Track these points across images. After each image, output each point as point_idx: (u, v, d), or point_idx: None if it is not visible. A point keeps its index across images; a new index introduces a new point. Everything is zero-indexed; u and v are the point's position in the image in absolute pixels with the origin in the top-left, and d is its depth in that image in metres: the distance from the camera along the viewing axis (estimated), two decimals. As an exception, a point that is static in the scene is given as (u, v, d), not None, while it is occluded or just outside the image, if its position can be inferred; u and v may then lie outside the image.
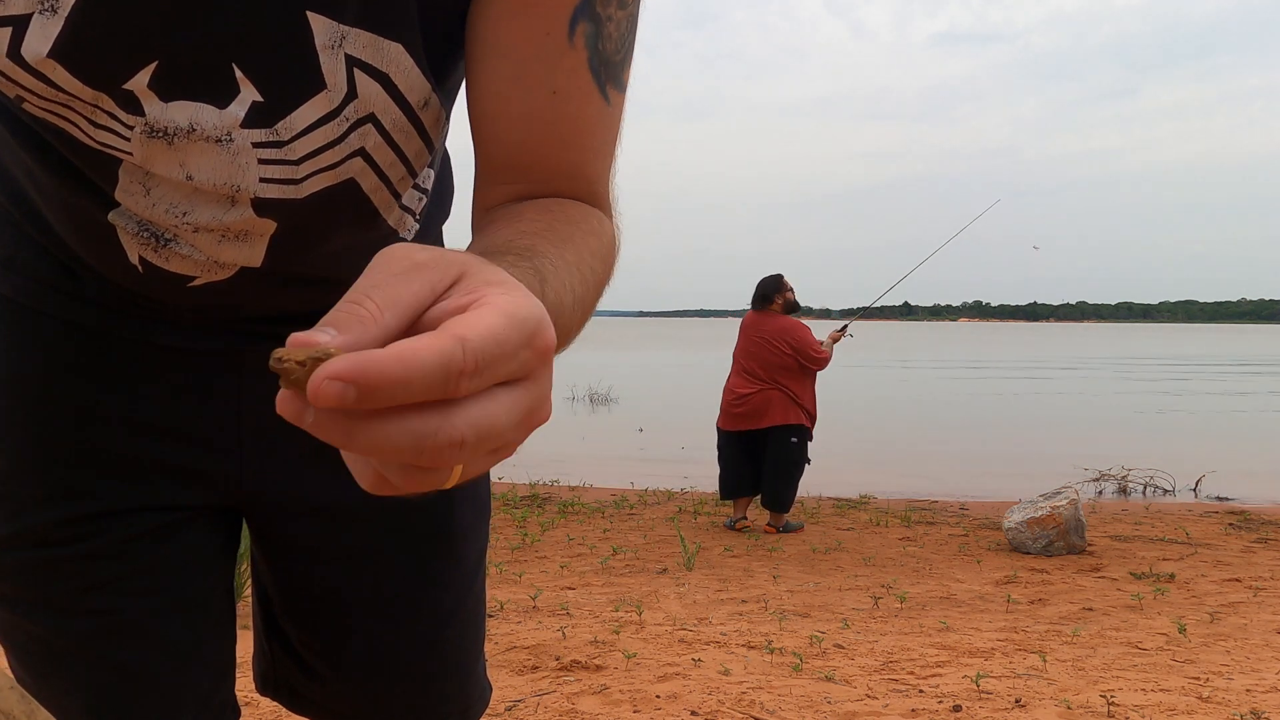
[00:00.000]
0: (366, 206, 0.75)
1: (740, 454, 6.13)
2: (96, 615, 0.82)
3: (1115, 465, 8.62)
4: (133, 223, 0.73)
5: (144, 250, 0.74)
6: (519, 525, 6.13)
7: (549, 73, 0.65)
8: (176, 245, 0.74)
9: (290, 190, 0.70)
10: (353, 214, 0.75)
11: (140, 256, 0.74)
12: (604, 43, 0.67)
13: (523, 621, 3.85)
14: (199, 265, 0.75)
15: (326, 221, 0.75)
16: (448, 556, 0.94)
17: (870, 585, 4.59)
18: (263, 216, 0.72)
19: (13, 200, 0.79)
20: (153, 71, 0.63)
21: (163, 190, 0.70)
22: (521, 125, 0.67)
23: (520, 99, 0.66)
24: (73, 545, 0.81)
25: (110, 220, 0.73)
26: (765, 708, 2.90)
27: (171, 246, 0.74)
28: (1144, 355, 41.27)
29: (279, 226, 0.73)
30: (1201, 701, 2.95)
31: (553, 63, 0.65)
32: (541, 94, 0.66)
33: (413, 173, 0.76)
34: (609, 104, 0.69)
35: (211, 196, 0.70)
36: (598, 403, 16.78)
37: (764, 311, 6.19)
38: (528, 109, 0.66)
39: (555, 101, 0.66)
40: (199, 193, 0.70)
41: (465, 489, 0.94)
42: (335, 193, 0.72)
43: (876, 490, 7.71)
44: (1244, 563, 5.12)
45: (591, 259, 0.61)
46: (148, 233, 0.73)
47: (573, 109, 0.67)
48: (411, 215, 0.82)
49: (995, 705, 2.92)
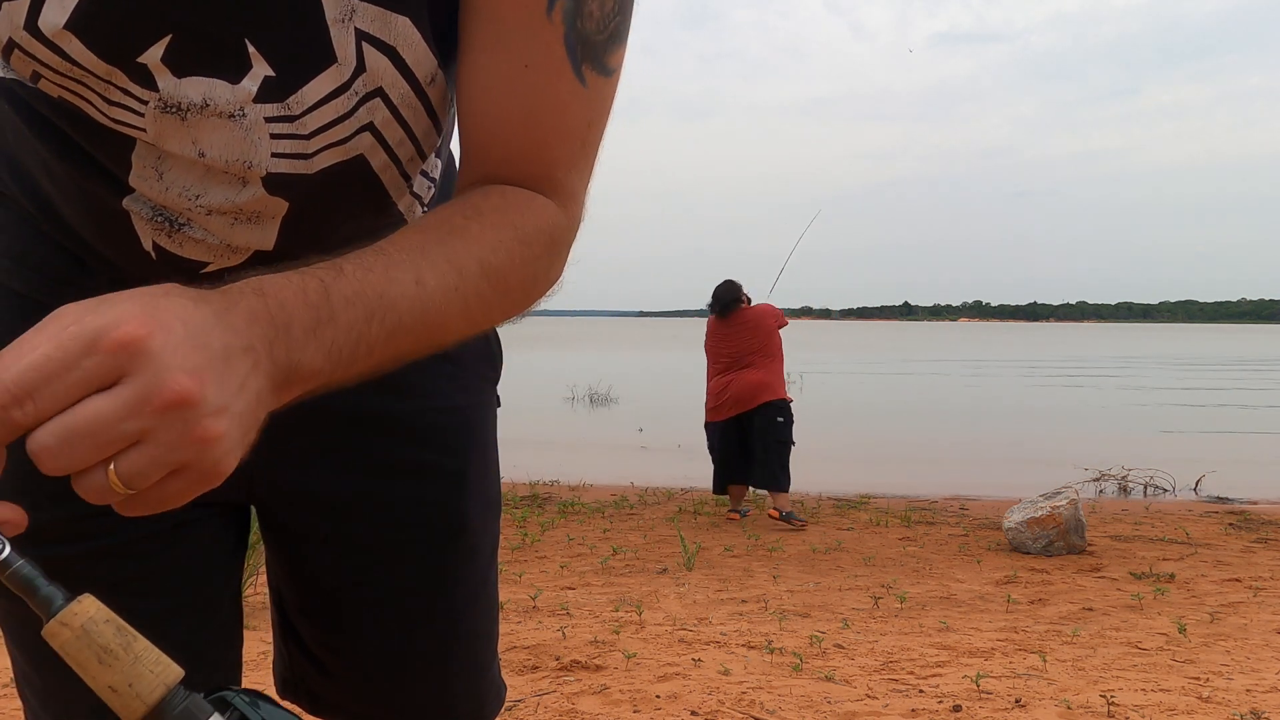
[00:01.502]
0: (376, 187, 0.75)
1: (731, 443, 6.32)
2: None
3: (1115, 465, 8.62)
4: (146, 208, 0.73)
5: (157, 236, 0.74)
6: (519, 525, 6.13)
7: (525, 45, 0.66)
8: (190, 229, 0.73)
9: (301, 165, 0.70)
10: (363, 194, 0.75)
11: (154, 242, 0.74)
12: (583, 20, 0.67)
13: (523, 621, 3.85)
14: (212, 250, 0.75)
15: (337, 201, 0.75)
16: (460, 552, 0.94)
17: (870, 585, 4.59)
18: (274, 195, 0.72)
19: (27, 195, 0.79)
20: (166, 45, 0.63)
21: (176, 173, 0.70)
22: (492, 97, 0.68)
23: (494, 69, 0.67)
24: (79, 543, 0.80)
25: (125, 206, 0.73)
26: (765, 708, 2.90)
27: (185, 231, 0.73)
28: (1144, 355, 41.27)
29: (291, 207, 0.73)
30: (1201, 701, 2.95)
31: (530, 35, 0.66)
32: (514, 66, 0.66)
33: (421, 154, 0.76)
34: (584, 85, 0.68)
35: (224, 177, 0.70)
36: (598, 403, 16.78)
37: (727, 317, 6.46)
38: (500, 80, 0.67)
39: (526, 75, 0.66)
40: (211, 173, 0.70)
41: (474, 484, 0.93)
42: (345, 170, 0.72)
43: (876, 490, 7.71)
44: (1244, 563, 5.12)
45: (488, 251, 0.63)
46: (161, 217, 0.73)
47: (542, 83, 0.67)
48: (420, 204, 0.82)
49: (995, 705, 2.92)
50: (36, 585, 0.48)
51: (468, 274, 0.62)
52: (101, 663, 0.47)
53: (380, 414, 0.88)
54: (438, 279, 0.60)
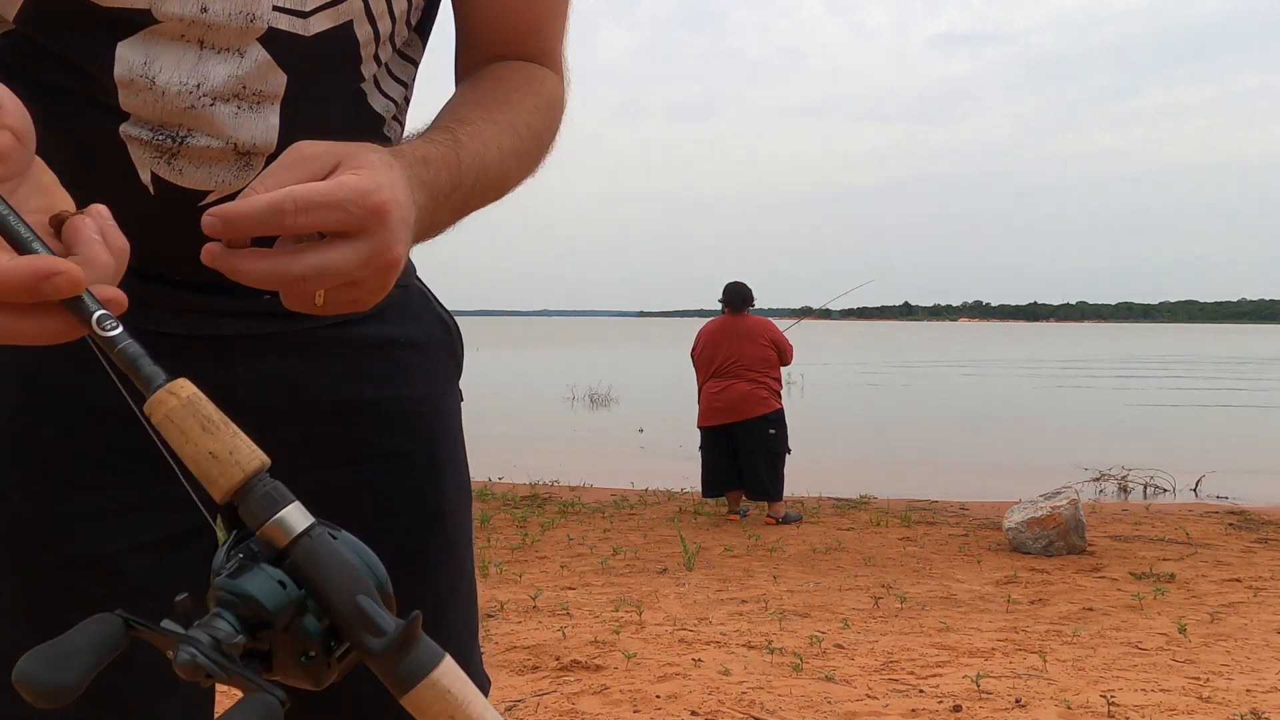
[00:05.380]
0: (356, 70, 0.79)
1: (721, 450, 6.39)
2: None
3: (1115, 465, 8.62)
4: (145, 130, 0.73)
5: (156, 165, 0.74)
6: (519, 525, 6.13)
7: None
8: (193, 139, 0.73)
9: (299, 25, 0.73)
10: (347, 78, 0.79)
11: (152, 173, 0.74)
12: None
13: (523, 621, 3.85)
14: (214, 162, 0.75)
15: (326, 83, 0.77)
16: (439, 541, 0.94)
17: (870, 585, 4.59)
18: (274, 63, 0.73)
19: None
20: None
21: (169, 69, 0.71)
22: None
23: None
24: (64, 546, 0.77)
25: (122, 135, 0.73)
26: (765, 708, 2.90)
27: (188, 143, 0.73)
28: (1144, 355, 41.26)
29: (288, 84, 0.75)
30: (1201, 701, 2.95)
31: None
32: None
33: (396, 39, 0.81)
34: None
35: (221, 55, 0.72)
36: (598, 403, 16.78)
37: (739, 314, 6.57)
38: None
39: None
40: (206, 53, 0.71)
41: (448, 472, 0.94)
42: (334, 40, 0.75)
43: (876, 490, 7.71)
44: (1244, 563, 5.12)
45: (529, 114, 0.79)
46: (162, 135, 0.73)
47: None
48: (395, 106, 0.85)
49: (995, 705, 2.92)
50: (141, 363, 0.52)
51: (522, 137, 0.77)
52: (205, 430, 0.51)
53: (361, 403, 0.88)
54: (509, 143, 0.75)
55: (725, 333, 6.52)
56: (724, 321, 6.60)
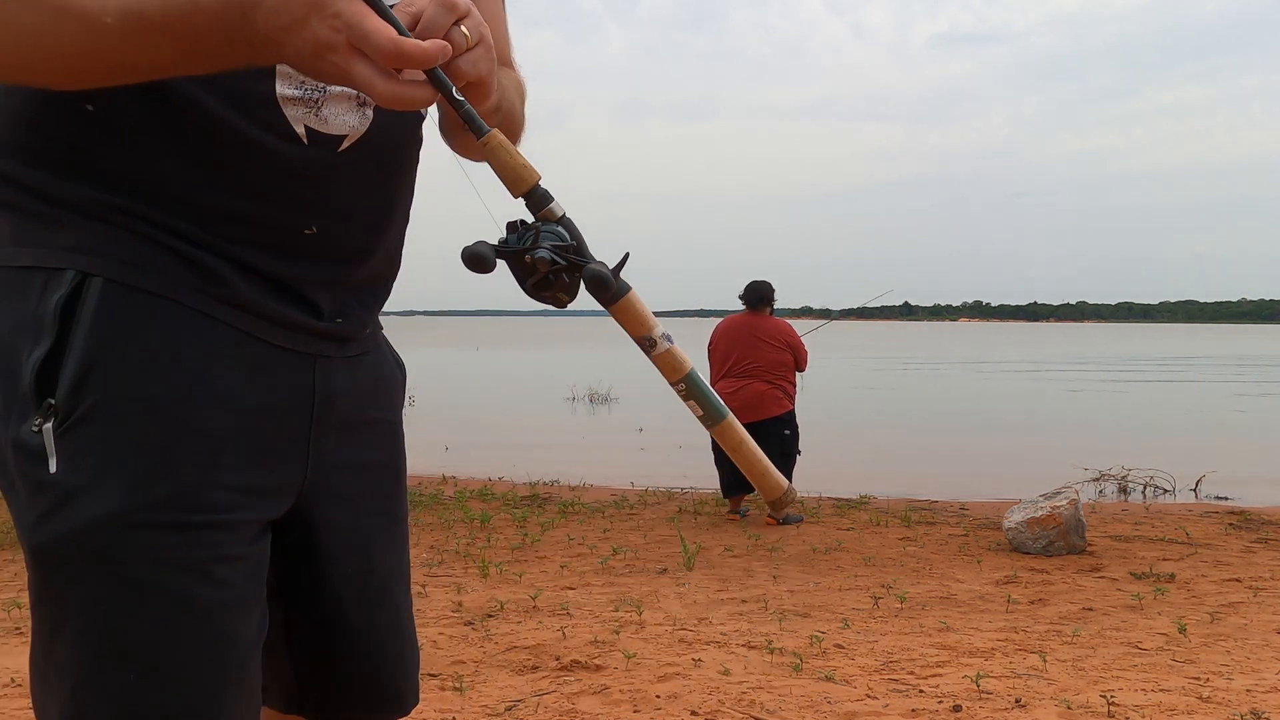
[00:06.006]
0: None
1: None
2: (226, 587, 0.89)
3: (1115, 465, 8.62)
4: (293, 87, 0.89)
5: (307, 118, 0.90)
6: (519, 525, 6.13)
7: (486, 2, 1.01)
8: (331, 87, 0.90)
9: None
10: None
11: (305, 126, 0.90)
12: None
13: (523, 621, 3.85)
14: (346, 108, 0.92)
15: None
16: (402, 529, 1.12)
17: (870, 585, 4.59)
18: None
19: (154, 203, 0.87)
20: None
21: None
22: None
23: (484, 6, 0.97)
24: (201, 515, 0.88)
25: (278, 96, 0.88)
26: (765, 708, 2.90)
27: (328, 93, 0.91)
28: (1144, 355, 41.26)
29: None
30: (1201, 701, 2.95)
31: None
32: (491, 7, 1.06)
33: None
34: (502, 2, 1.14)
35: None
36: (598, 403, 16.79)
37: (758, 313, 6.56)
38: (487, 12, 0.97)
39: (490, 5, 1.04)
40: None
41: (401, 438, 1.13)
42: None
43: (876, 490, 7.71)
44: (1244, 563, 5.12)
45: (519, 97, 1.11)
46: (307, 89, 0.89)
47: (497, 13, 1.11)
48: None
49: (995, 705, 2.92)
50: (474, 116, 0.85)
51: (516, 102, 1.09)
52: (511, 154, 0.90)
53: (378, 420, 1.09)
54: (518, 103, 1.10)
55: (741, 331, 6.50)
56: (742, 319, 6.58)
